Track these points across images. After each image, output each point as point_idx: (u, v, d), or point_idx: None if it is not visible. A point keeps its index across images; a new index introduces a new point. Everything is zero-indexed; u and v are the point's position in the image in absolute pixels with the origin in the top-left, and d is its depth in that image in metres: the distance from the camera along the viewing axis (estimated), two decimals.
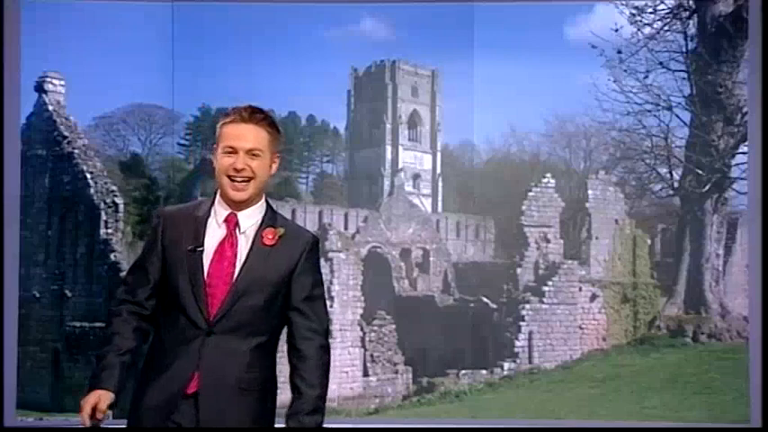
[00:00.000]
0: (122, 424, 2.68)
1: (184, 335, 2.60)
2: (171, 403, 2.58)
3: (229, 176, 2.63)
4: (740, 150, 7.82)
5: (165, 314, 2.67)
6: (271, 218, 2.71)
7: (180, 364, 2.59)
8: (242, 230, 2.67)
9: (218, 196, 2.70)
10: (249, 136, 2.64)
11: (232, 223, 2.66)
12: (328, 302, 8.71)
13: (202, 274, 2.61)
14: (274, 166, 2.72)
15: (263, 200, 2.72)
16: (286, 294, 2.67)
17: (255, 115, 2.67)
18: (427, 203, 10.42)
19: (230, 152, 2.63)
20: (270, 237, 2.66)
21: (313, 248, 2.73)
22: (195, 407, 2.57)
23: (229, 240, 2.65)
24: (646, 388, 7.70)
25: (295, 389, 2.64)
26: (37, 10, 6.74)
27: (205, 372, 2.58)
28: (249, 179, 2.64)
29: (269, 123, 2.69)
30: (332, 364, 2.74)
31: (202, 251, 2.63)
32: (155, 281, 2.68)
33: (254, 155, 2.64)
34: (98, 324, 7.91)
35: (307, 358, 2.65)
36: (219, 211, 2.68)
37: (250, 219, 2.68)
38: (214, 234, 2.66)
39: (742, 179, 7.45)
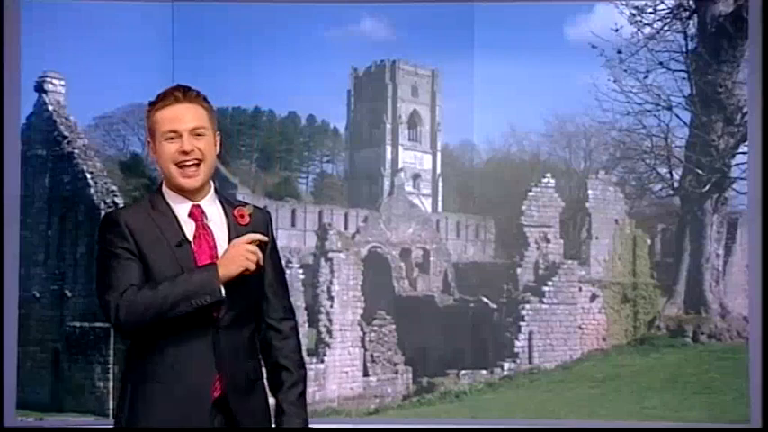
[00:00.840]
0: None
1: (190, 337, 2.43)
2: (202, 412, 2.42)
3: (177, 164, 2.47)
4: (740, 150, 7.82)
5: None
6: (228, 200, 2.61)
7: (198, 369, 2.42)
8: (209, 219, 2.53)
9: (165, 191, 2.53)
10: (189, 115, 2.49)
11: (198, 214, 2.52)
12: (328, 302, 8.76)
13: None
14: (218, 145, 2.57)
15: (213, 185, 2.59)
16: (262, 273, 2.56)
17: (189, 92, 2.53)
18: (427, 203, 10.43)
19: (172, 137, 2.47)
20: (242, 216, 2.55)
21: (272, 222, 2.67)
22: (220, 411, 2.44)
23: (204, 232, 2.51)
24: (646, 388, 7.69)
25: (283, 368, 2.58)
26: (37, 10, 6.74)
27: (224, 371, 2.45)
28: (199, 162, 2.48)
29: (204, 99, 2.55)
30: (332, 364, 2.71)
31: (190, 243, 2.47)
32: (140, 275, 2.45)
33: (198, 134, 2.48)
34: (98, 324, 7.91)
35: (288, 337, 2.61)
36: (179, 205, 2.52)
37: (212, 206, 2.55)
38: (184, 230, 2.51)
39: (742, 179, 7.44)
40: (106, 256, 2.51)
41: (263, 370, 2.62)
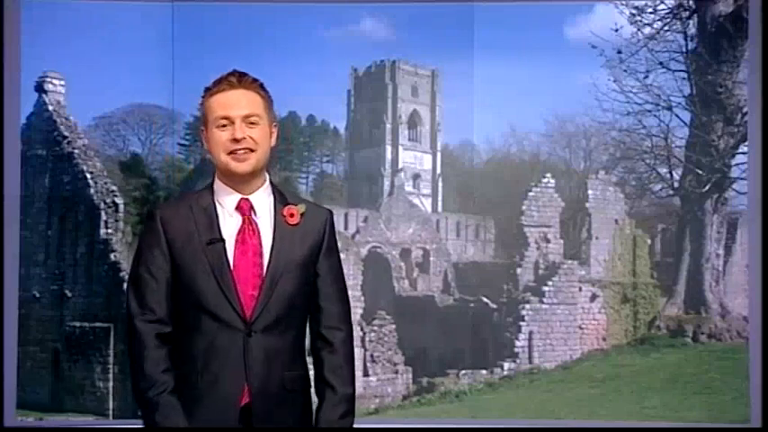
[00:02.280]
0: (121, 425, 2.59)
1: (220, 340, 2.33)
2: (230, 421, 2.34)
3: (229, 152, 2.37)
4: (740, 150, 7.81)
5: (188, 319, 2.37)
6: (281, 195, 2.48)
7: (227, 376, 2.33)
8: (258, 215, 2.41)
9: (216, 184, 2.44)
10: (243, 101, 2.38)
11: (246, 208, 2.40)
12: None
13: (229, 269, 2.34)
14: (274, 137, 2.48)
15: (268, 178, 2.50)
16: (314, 276, 2.45)
17: (245, 78, 2.43)
18: (427, 203, 10.42)
19: (225, 124, 2.37)
20: (292, 215, 2.42)
21: (332, 222, 2.52)
22: (244, 419, 2.35)
23: (249, 228, 2.39)
24: (646, 388, 7.69)
25: (326, 384, 2.42)
26: (37, 10, 6.74)
27: (253, 378, 2.33)
28: (251, 150, 2.38)
29: (260, 86, 2.46)
30: None
31: (224, 242, 2.36)
32: (166, 285, 2.38)
33: (251, 123, 2.38)
34: (98, 324, 7.91)
35: (337, 350, 2.43)
36: (227, 199, 2.41)
37: (263, 200, 2.44)
38: (228, 224, 2.39)
39: (742, 179, 7.44)
40: (138, 258, 2.44)
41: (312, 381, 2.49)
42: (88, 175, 8.48)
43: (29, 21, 6.56)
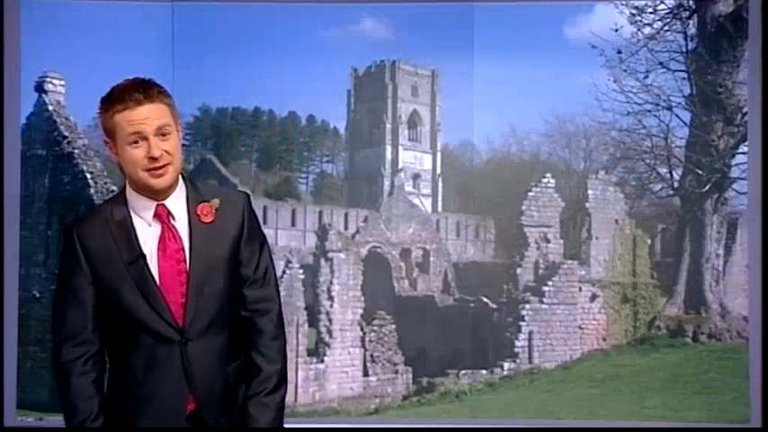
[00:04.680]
0: None
1: (157, 353, 2.34)
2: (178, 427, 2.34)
3: (146, 169, 2.32)
4: (740, 150, 7.81)
5: (123, 337, 2.37)
6: (195, 192, 2.43)
7: (170, 386, 2.35)
8: (176, 218, 2.38)
9: (129, 194, 2.40)
10: (153, 116, 2.33)
11: (164, 215, 2.37)
12: (328, 302, 8.76)
13: (154, 284, 2.33)
14: (181, 136, 2.43)
15: (181, 176, 2.45)
16: (238, 265, 2.42)
17: (150, 91, 2.37)
18: (427, 203, 10.42)
19: (137, 140, 2.31)
20: (206, 212, 2.39)
21: (250, 205, 2.48)
22: (194, 423, 2.36)
23: (169, 235, 2.37)
24: (646, 388, 7.69)
25: (253, 365, 2.42)
26: (37, 10, 6.74)
27: (197, 384, 2.35)
28: (167, 164, 2.33)
29: (165, 94, 2.42)
30: (332, 364, 2.59)
31: (144, 258, 2.34)
32: (93, 307, 2.40)
33: (164, 134, 2.33)
34: None
35: (264, 332, 2.42)
36: (142, 208, 2.37)
37: (178, 203, 2.40)
38: (147, 235, 2.37)
39: (742, 179, 7.44)
40: (60, 279, 2.51)
41: None
42: (88, 175, 8.48)
43: (29, 21, 6.56)
